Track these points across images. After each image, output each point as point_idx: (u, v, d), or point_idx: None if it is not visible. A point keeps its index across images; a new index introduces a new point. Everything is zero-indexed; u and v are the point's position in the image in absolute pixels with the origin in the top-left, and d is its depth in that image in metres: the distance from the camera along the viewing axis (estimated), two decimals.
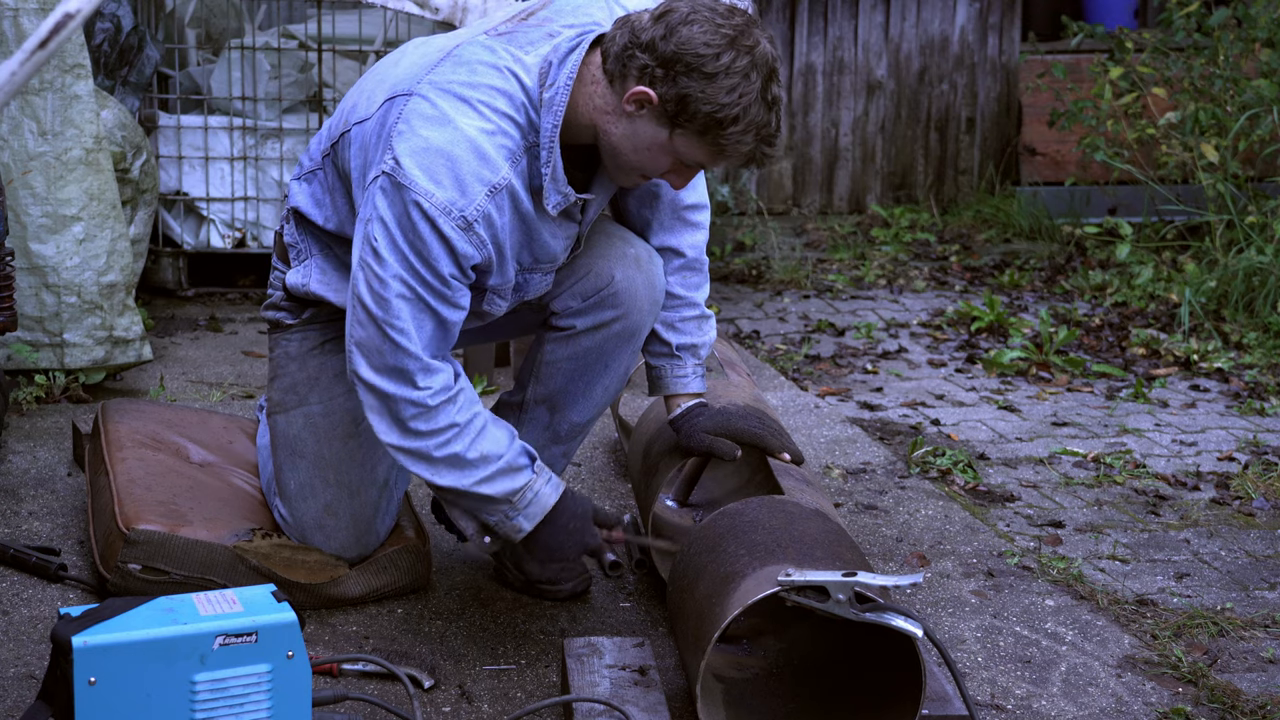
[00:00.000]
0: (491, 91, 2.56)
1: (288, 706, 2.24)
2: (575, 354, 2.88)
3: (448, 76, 2.57)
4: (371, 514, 2.93)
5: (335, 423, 2.89)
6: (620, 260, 2.83)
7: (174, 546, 2.86)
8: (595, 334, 2.85)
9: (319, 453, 2.89)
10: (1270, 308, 5.40)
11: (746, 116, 2.48)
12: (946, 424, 4.42)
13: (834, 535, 2.57)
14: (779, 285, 6.17)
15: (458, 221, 2.51)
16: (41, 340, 4.16)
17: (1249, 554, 3.49)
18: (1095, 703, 2.74)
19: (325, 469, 2.89)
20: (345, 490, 2.90)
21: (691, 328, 2.97)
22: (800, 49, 7.47)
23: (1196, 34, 6.55)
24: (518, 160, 2.58)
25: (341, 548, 2.92)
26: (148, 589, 2.84)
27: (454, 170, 2.50)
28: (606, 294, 2.82)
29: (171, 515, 2.92)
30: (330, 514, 2.90)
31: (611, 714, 2.45)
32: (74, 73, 4.10)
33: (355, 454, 2.90)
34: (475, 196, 2.52)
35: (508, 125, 2.56)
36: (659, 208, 2.95)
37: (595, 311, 2.83)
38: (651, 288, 2.85)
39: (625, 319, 2.84)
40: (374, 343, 2.57)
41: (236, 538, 2.90)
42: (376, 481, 2.93)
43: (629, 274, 2.83)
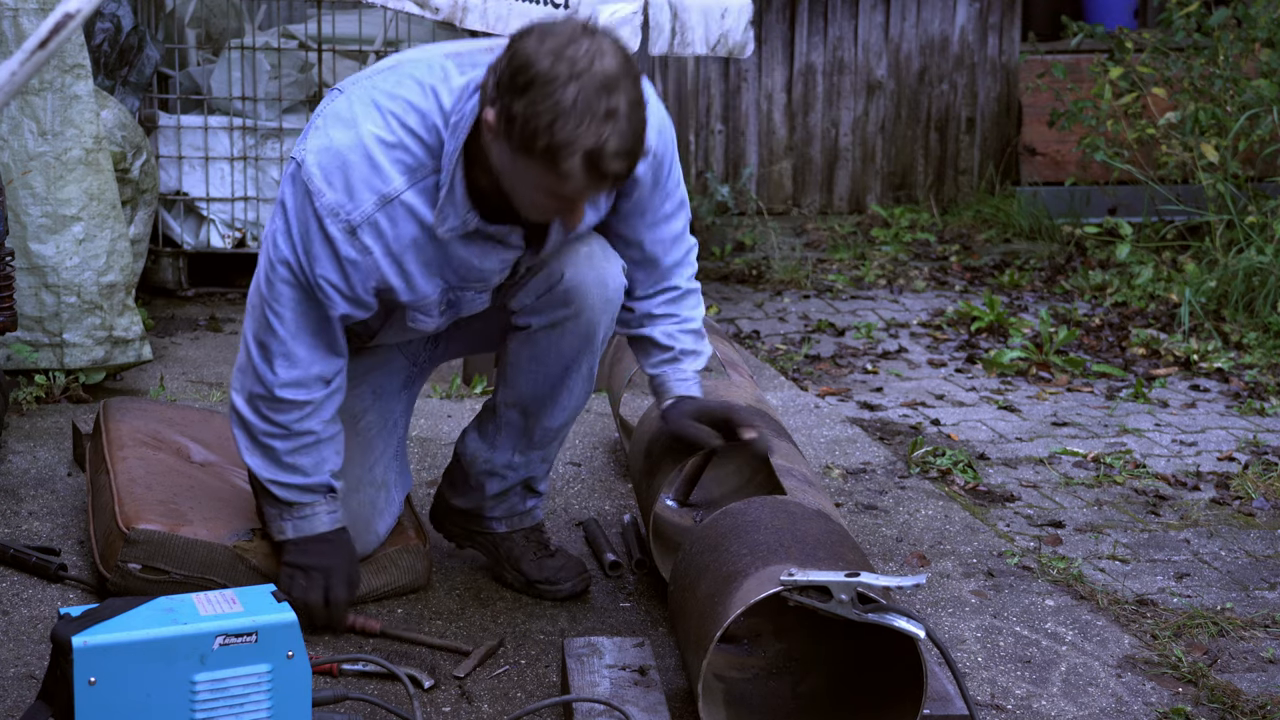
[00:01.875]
0: (406, 105, 2.55)
1: (288, 706, 2.24)
2: (535, 354, 2.84)
3: (377, 83, 2.60)
4: (369, 513, 2.93)
5: None
6: (572, 257, 2.77)
7: (174, 546, 2.86)
8: (551, 333, 2.81)
9: None
10: (1270, 308, 5.39)
11: (567, 126, 2.33)
12: (946, 424, 4.42)
13: (836, 536, 2.57)
14: (779, 285, 6.17)
15: (343, 225, 2.54)
16: (41, 340, 4.16)
17: (1249, 554, 3.49)
18: (1095, 703, 2.74)
19: None
20: (343, 487, 2.90)
21: (690, 340, 2.96)
22: (800, 49, 7.47)
23: (1196, 34, 6.55)
24: (419, 176, 2.56)
25: None
26: (148, 588, 2.83)
27: (346, 174, 2.53)
28: (558, 290, 2.76)
29: (171, 515, 2.92)
30: None
31: (611, 714, 2.45)
32: (74, 73, 4.10)
33: (352, 453, 2.91)
34: (363, 203, 2.54)
35: (410, 141, 2.54)
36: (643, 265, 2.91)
37: (548, 310, 2.79)
38: (603, 285, 2.77)
39: (578, 316, 2.78)
40: (256, 313, 2.68)
41: (236, 537, 2.90)
42: (374, 481, 2.94)
43: (579, 270, 2.76)
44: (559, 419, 2.93)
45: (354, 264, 2.57)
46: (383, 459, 2.95)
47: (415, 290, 2.66)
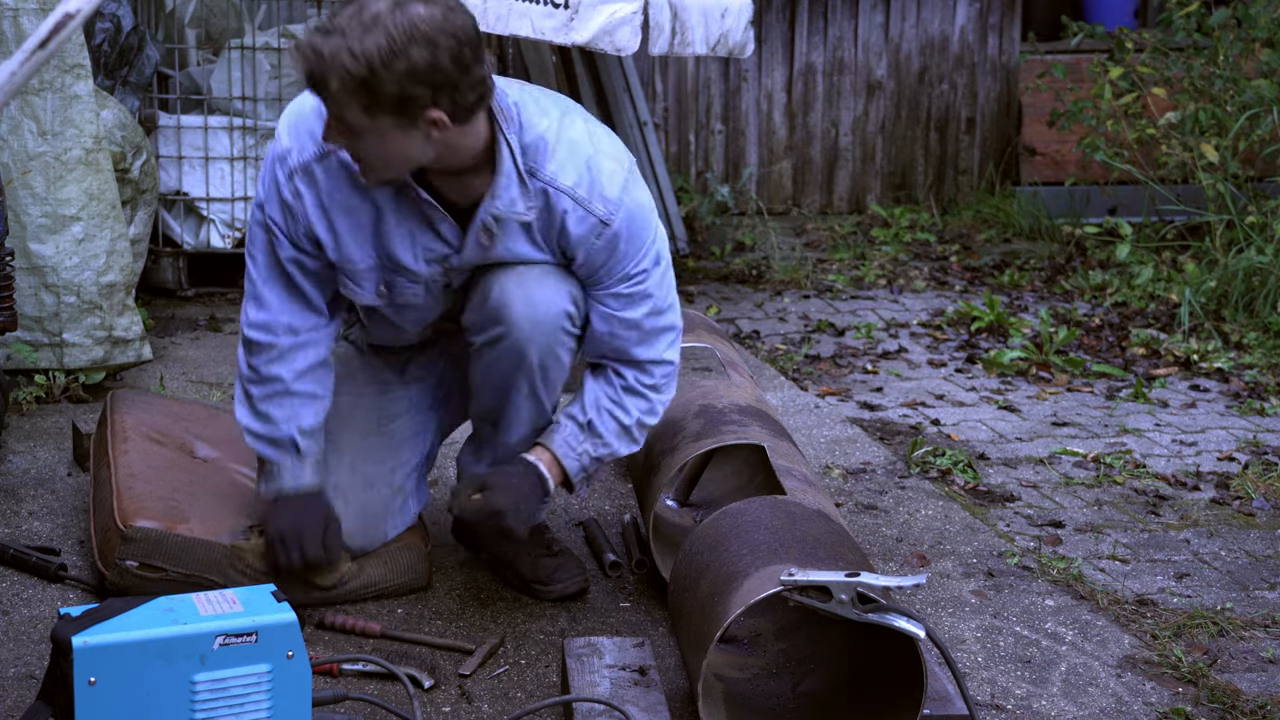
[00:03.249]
0: None
1: (288, 706, 2.24)
2: (480, 370, 2.88)
3: None
4: (381, 511, 2.96)
5: (360, 417, 2.98)
6: (502, 276, 2.78)
7: (171, 544, 2.87)
8: (489, 350, 2.83)
9: (337, 438, 2.96)
10: (1270, 308, 5.40)
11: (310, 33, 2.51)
12: (946, 424, 4.42)
13: (836, 536, 2.57)
14: (779, 285, 6.17)
15: (285, 169, 2.74)
16: (41, 340, 4.16)
17: (1249, 554, 3.49)
18: (1095, 703, 2.74)
19: (341, 454, 2.95)
20: (359, 478, 2.94)
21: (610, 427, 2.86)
22: (800, 49, 7.47)
23: (1196, 34, 6.55)
24: None
25: (346, 534, 2.92)
26: (145, 586, 2.84)
27: (297, 126, 2.73)
28: (488, 308, 2.79)
29: (170, 512, 2.92)
30: (340, 496, 2.93)
31: (611, 714, 2.45)
32: (74, 73, 4.10)
33: (375, 450, 2.97)
34: (305, 151, 2.72)
35: None
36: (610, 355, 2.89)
37: (484, 327, 2.81)
38: (530, 305, 2.76)
39: (506, 335, 2.79)
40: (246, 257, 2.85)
41: (234, 536, 2.90)
42: (392, 484, 2.98)
43: (507, 289, 2.77)
44: (514, 435, 2.93)
45: (289, 207, 2.74)
46: (405, 466, 2.99)
47: (342, 251, 2.77)
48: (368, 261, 2.77)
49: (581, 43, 4.76)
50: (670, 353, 2.89)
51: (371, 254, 2.77)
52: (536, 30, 4.73)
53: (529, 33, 4.73)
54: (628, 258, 2.78)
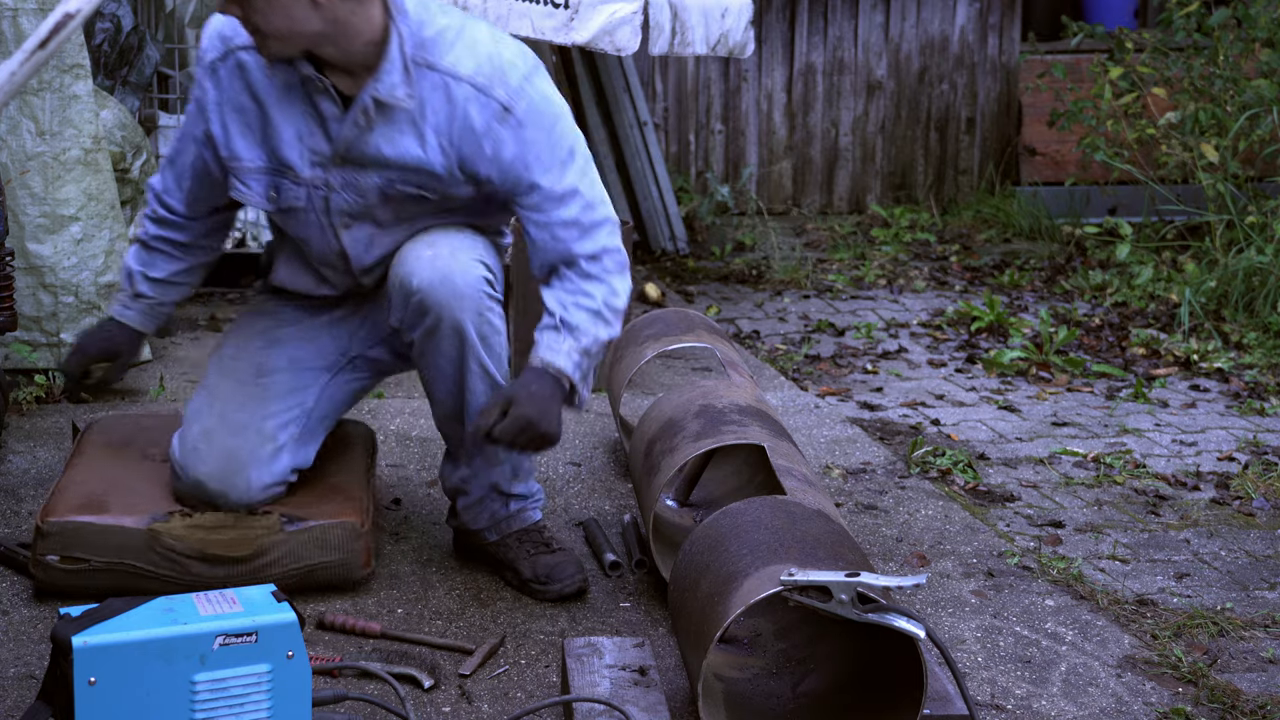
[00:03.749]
0: None
1: (288, 706, 2.24)
2: (428, 365, 2.93)
3: None
4: (246, 458, 2.94)
5: (238, 366, 3.04)
6: (416, 264, 2.84)
7: (88, 534, 2.86)
8: (429, 341, 2.89)
9: (215, 385, 3.03)
10: (1270, 308, 5.40)
11: None
12: (946, 424, 4.42)
13: (836, 536, 2.57)
14: (779, 285, 6.17)
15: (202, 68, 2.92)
16: (39, 340, 4.16)
17: (1249, 554, 3.49)
18: (1095, 703, 2.74)
19: (214, 400, 3.00)
20: (226, 425, 2.96)
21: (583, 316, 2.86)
22: (800, 49, 7.47)
23: (1196, 34, 6.55)
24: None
25: (207, 476, 2.92)
26: (70, 579, 2.86)
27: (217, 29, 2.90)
28: (413, 303, 2.85)
29: (92, 505, 2.91)
30: (206, 438, 2.95)
31: (611, 714, 2.45)
32: (73, 73, 4.09)
33: (247, 399, 3.00)
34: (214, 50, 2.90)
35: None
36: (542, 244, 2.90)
37: (415, 322, 2.88)
38: (448, 283, 2.82)
39: (440, 320, 2.84)
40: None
41: (153, 519, 2.90)
42: (263, 432, 2.97)
43: (423, 277, 2.82)
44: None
45: (197, 102, 2.94)
46: (277, 417, 2.99)
47: (231, 147, 2.91)
48: (256, 162, 2.90)
49: (581, 43, 4.76)
50: (613, 240, 2.88)
51: (259, 155, 2.89)
52: (536, 30, 4.73)
53: (529, 33, 4.73)
54: (541, 149, 2.80)
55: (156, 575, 2.87)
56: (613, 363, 3.87)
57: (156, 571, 2.88)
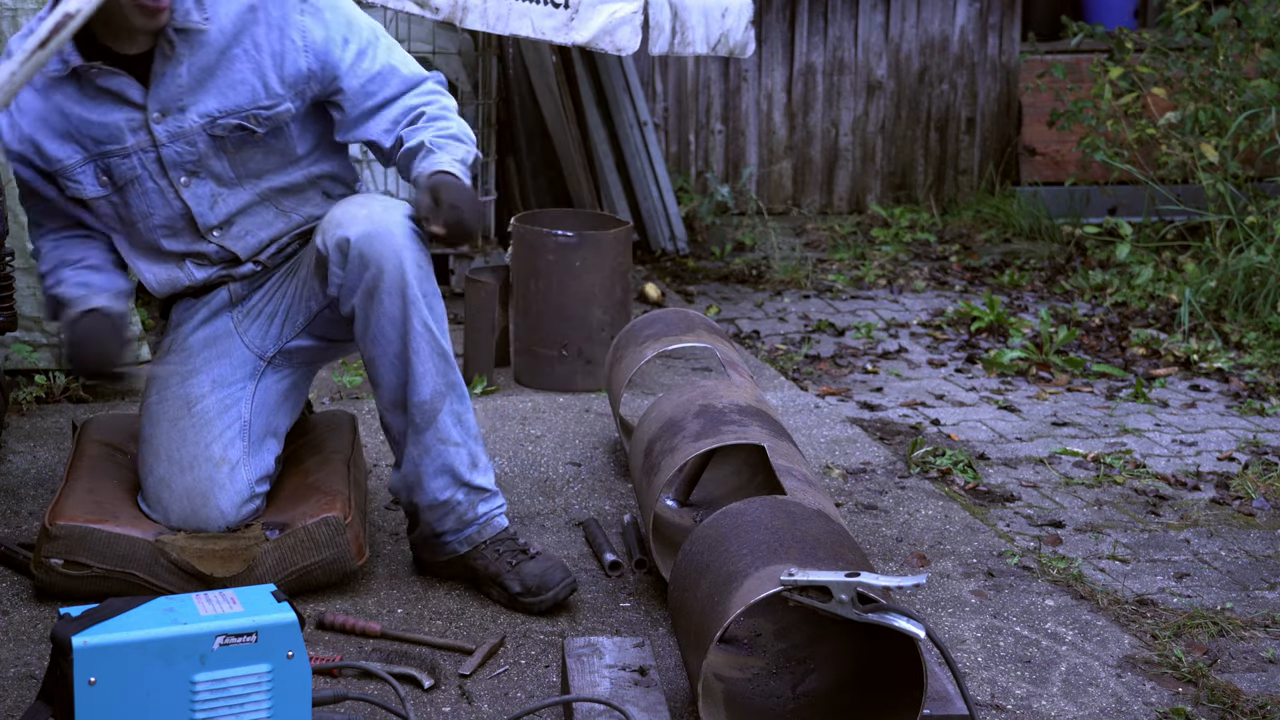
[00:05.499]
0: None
1: (288, 706, 2.24)
2: (372, 335, 2.91)
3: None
4: (206, 488, 2.95)
5: (165, 409, 3.03)
6: (352, 221, 2.87)
7: (95, 540, 2.87)
8: (371, 304, 2.88)
9: (150, 434, 3.02)
10: (1270, 308, 5.39)
11: None
12: (946, 424, 4.42)
13: (836, 536, 2.57)
14: (779, 285, 6.17)
15: None
16: (39, 340, 4.16)
17: (1249, 554, 3.49)
18: (1095, 703, 2.74)
19: (156, 448, 3.00)
20: (175, 466, 2.96)
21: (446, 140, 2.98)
22: (800, 49, 7.47)
23: (1196, 34, 6.55)
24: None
25: (181, 519, 2.94)
26: (71, 584, 2.87)
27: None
28: (353, 255, 2.86)
29: (99, 511, 2.92)
30: (163, 486, 2.96)
31: (611, 714, 2.45)
32: None
33: (185, 433, 2.99)
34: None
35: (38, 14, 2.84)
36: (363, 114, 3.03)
37: (357, 281, 2.87)
38: (388, 234, 2.85)
39: (381, 272, 2.86)
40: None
41: (159, 532, 2.91)
42: (211, 458, 2.97)
43: (360, 229, 2.86)
44: (425, 389, 2.93)
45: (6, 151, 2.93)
46: (221, 438, 3.00)
47: (44, 155, 2.92)
48: (75, 156, 2.91)
49: (581, 42, 4.76)
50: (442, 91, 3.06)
51: (75, 149, 2.91)
52: (536, 30, 4.73)
53: (529, 32, 4.73)
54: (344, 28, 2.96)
55: (157, 587, 2.88)
56: (613, 363, 3.87)
57: (157, 584, 2.88)
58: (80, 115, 2.89)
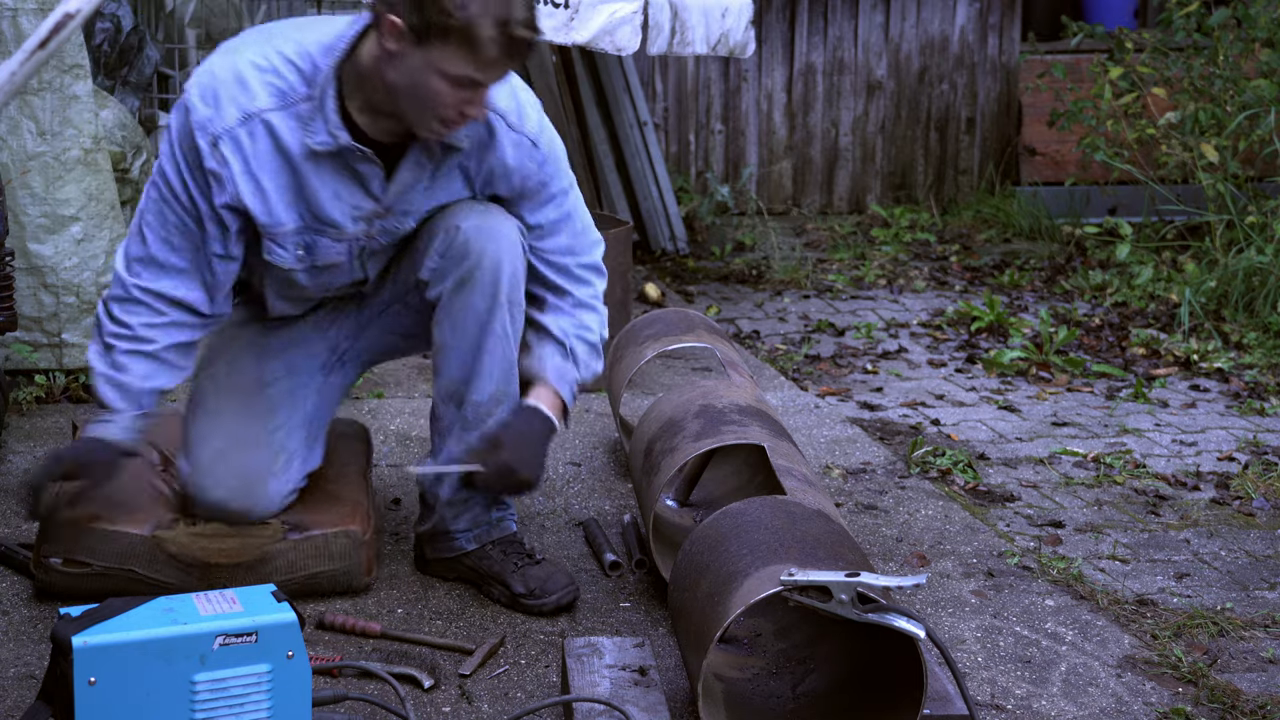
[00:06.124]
0: (285, 37, 2.76)
1: (288, 706, 2.24)
2: (453, 324, 2.89)
3: (280, 25, 2.84)
4: (261, 471, 2.94)
5: (236, 383, 3.00)
6: (466, 213, 2.86)
7: (92, 538, 2.86)
8: (460, 293, 2.87)
9: (216, 405, 2.99)
10: (1270, 308, 5.39)
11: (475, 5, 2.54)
12: (946, 424, 4.42)
13: (836, 536, 2.57)
14: (779, 285, 6.17)
15: (208, 137, 2.73)
16: (40, 341, 4.16)
17: (1249, 554, 3.49)
18: (1095, 703, 2.74)
19: (220, 419, 2.97)
20: (236, 442, 2.94)
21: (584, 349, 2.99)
22: (800, 49, 7.47)
23: (1196, 34, 6.55)
24: (289, 101, 2.73)
25: (229, 495, 2.92)
26: (71, 582, 2.86)
27: (216, 93, 2.73)
28: (457, 243, 2.85)
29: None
30: (220, 459, 2.94)
31: (611, 714, 2.45)
32: (73, 73, 4.09)
33: (253, 412, 2.98)
34: (227, 117, 2.72)
35: (284, 66, 2.73)
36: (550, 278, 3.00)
37: (453, 267, 2.86)
38: (496, 232, 2.85)
39: (480, 265, 2.84)
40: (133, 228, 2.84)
41: (156, 527, 2.89)
42: (273, 445, 2.97)
43: (473, 221, 2.85)
44: (486, 389, 2.93)
45: (215, 175, 2.74)
46: (286, 426, 2.99)
47: (271, 213, 2.79)
48: (294, 223, 2.82)
49: (581, 42, 4.76)
50: (600, 261, 3.04)
51: (296, 215, 2.81)
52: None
53: None
54: (554, 179, 2.94)
55: (159, 582, 2.87)
56: (613, 363, 3.86)
57: (158, 579, 2.88)
58: (315, 188, 2.78)
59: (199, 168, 2.74)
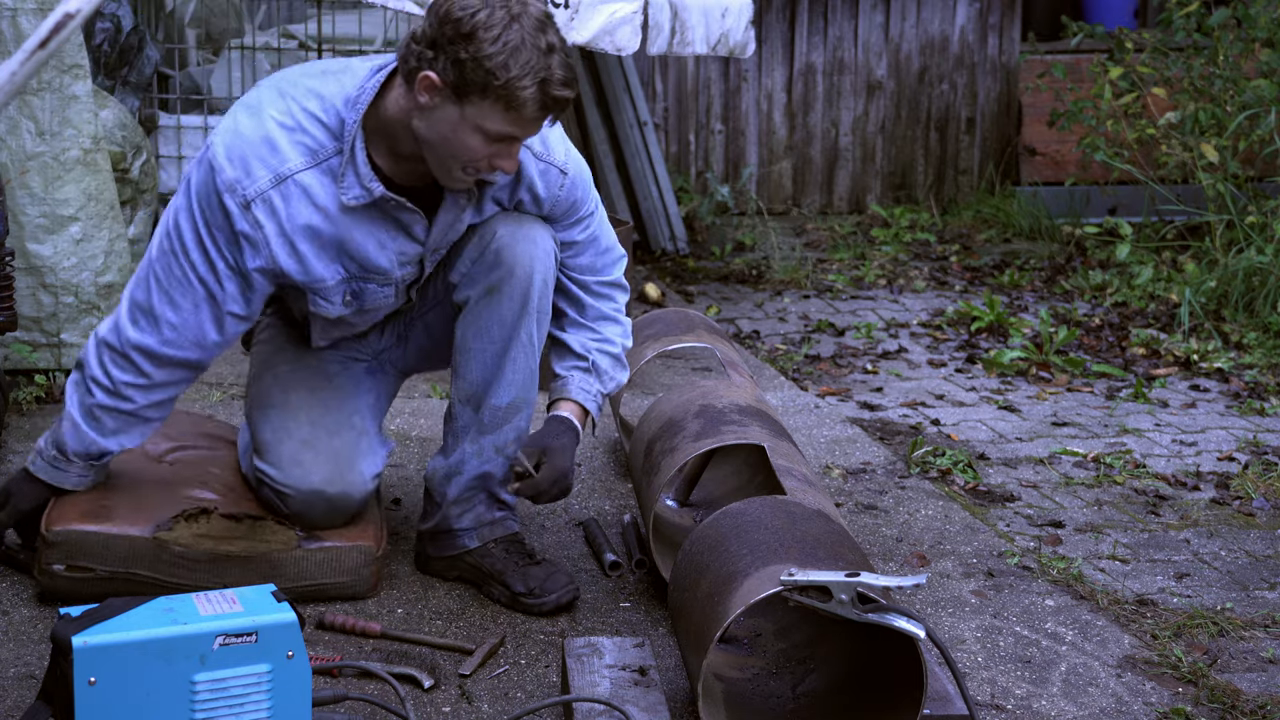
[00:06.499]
0: (308, 92, 2.72)
1: (288, 706, 2.24)
2: (478, 329, 2.91)
3: (288, 75, 2.78)
4: (351, 453, 2.96)
5: (302, 378, 3.02)
6: (502, 221, 2.87)
7: (94, 542, 2.85)
8: (489, 300, 2.88)
9: (286, 400, 3.00)
10: (1270, 308, 5.39)
11: (519, 60, 2.55)
12: (946, 424, 4.42)
13: (836, 536, 2.57)
14: (779, 285, 6.17)
15: (239, 199, 2.69)
16: (39, 340, 4.16)
17: (1249, 554, 3.49)
18: (1095, 703, 2.74)
19: (296, 412, 2.98)
20: (321, 429, 2.96)
21: (607, 361, 3.02)
22: (800, 49, 7.47)
23: (1196, 34, 6.55)
24: (319, 158, 2.71)
25: (324, 481, 2.92)
26: (75, 587, 2.85)
27: (244, 154, 2.69)
28: (490, 251, 2.85)
29: (95, 513, 2.89)
30: (307, 447, 2.94)
31: (611, 714, 2.45)
32: (72, 73, 4.09)
33: (327, 401, 3.00)
34: (258, 180, 2.69)
35: (310, 124, 2.71)
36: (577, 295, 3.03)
37: (483, 274, 2.86)
38: (531, 242, 2.85)
39: (511, 274, 2.85)
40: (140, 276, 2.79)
41: (157, 527, 2.89)
42: (354, 427, 3.00)
43: (509, 230, 2.86)
44: (506, 396, 2.94)
45: (247, 238, 2.71)
46: (360, 409, 3.03)
47: (310, 273, 2.78)
48: (336, 277, 2.81)
49: (581, 42, 4.76)
50: (622, 277, 3.08)
51: (339, 269, 2.80)
52: None
53: None
54: (581, 203, 2.96)
55: (164, 584, 2.86)
56: None
57: (164, 579, 2.87)
58: (359, 242, 2.77)
59: (227, 229, 2.71)
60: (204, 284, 2.75)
